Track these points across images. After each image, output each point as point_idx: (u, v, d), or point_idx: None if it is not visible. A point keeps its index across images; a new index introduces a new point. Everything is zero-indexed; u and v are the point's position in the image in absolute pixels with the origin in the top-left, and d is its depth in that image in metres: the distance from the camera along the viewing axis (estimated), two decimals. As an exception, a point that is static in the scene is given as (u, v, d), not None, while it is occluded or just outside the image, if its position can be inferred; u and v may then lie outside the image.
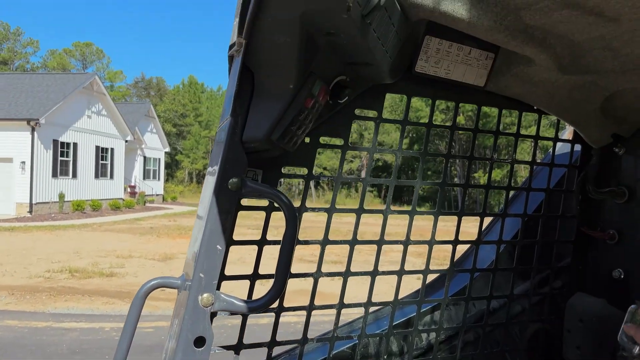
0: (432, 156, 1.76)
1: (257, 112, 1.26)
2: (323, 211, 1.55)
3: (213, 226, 1.24)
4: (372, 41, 1.23)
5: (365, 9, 1.12)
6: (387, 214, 1.66)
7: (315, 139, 1.51)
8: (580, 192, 1.97)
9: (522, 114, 1.86)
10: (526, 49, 1.47)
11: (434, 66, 1.58)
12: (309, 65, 1.23)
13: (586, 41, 1.47)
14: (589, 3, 1.27)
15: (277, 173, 1.46)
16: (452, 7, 1.33)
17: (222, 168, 1.24)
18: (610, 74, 1.62)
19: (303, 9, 1.08)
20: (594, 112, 1.83)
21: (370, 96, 1.56)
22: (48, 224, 22.90)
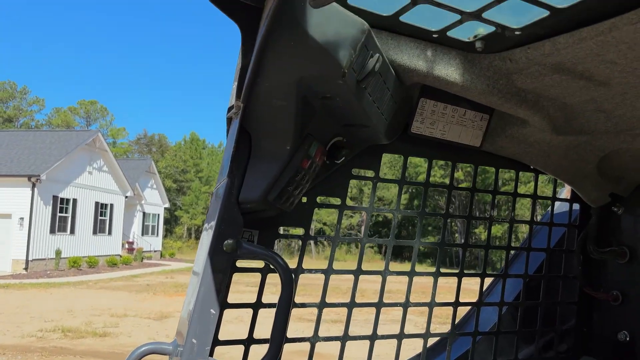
0: (430, 215, 1.75)
1: (254, 173, 1.26)
2: (320, 273, 1.52)
3: (207, 288, 1.21)
4: (367, 104, 1.25)
5: (360, 74, 1.14)
6: (386, 275, 1.63)
7: (312, 199, 1.50)
8: (581, 252, 1.95)
9: (519, 173, 1.87)
10: (520, 111, 1.50)
11: (430, 127, 1.61)
12: (306, 127, 1.25)
13: (578, 104, 1.49)
14: (578, 68, 1.31)
15: (274, 233, 1.45)
16: (446, 71, 1.37)
17: (218, 230, 1.23)
18: (604, 134, 1.64)
19: (300, 75, 1.11)
20: (591, 171, 1.84)
21: (367, 156, 1.57)
22: (43, 281, 22.52)
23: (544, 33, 1.22)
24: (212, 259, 1.22)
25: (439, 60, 1.36)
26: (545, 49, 1.24)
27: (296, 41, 1.03)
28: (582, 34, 1.16)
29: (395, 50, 1.31)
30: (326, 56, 1.05)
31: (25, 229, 25.50)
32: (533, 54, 1.28)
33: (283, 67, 1.09)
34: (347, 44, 1.07)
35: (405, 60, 1.33)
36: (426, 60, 1.35)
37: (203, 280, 1.22)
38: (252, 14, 1.14)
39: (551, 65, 1.30)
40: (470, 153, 1.75)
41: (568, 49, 1.21)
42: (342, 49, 1.06)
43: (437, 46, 1.35)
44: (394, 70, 1.35)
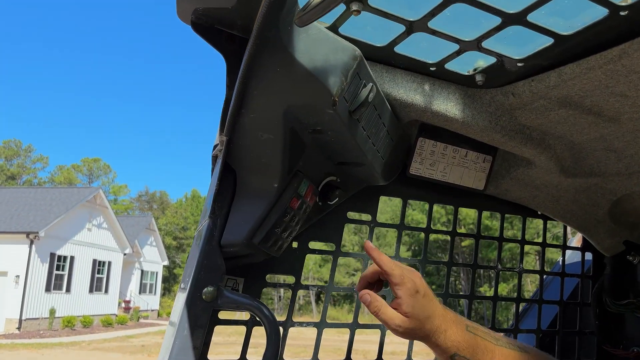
0: (432, 264, 1.62)
1: (238, 213, 1.15)
2: (312, 326, 1.38)
3: (182, 342, 1.08)
4: (361, 139, 1.16)
5: (352, 104, 1.06)
6: (386, 330, 1.48)
7: (303, 244, 1.39)
8: (597, 305, 1.80)
9: (526, 219, 1.76)
10: (525, 150, 1.41)
11: (429, 168, 1.51)
12: (295, 163, 1.15)
13: (587, 142, 1.41)
14: (586, 102, 1.22)
15: (261, 282, 1.32)
16: (445, 106, 1.29)
17: (197, 276, 1.11)
18: (616, 176, 1.54)
19: (287, 105, 1.02)
20: (602, 217, 1.73)
21: (363, 198, 1.47)
22: (35, 341, 21.81)
23: (549, 64, 1.15)
24: (189, 309, 1.09)
25: (438, 95, 1.28)
26: (551, 80, 1.17)
27: (282, 66, 0.95)
28: (590, 62, 1.08)
29: (390, 83, 1.24)
30: (315, 83, 0.96)
31: (20, 287, 25.00)
32: (537, 86, 1.20)
33: (268, 95, 1.01)
34: (338, 71, 0.99)
35: (402, 94, 1.25)
36: (424, 94, 1.27)
37: (178, 332, 1.08)
38: (238, 45, 1.08)
39: (557, 99, 1.22)
40: (474, 197, 1.65)
41: (575, 80, 1.13)
42: (332, 75, 0.98)
43: (435, 80, 1.28)
44: (390, 106, 1.27)
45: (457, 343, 1.09)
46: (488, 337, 1.15)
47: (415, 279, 1.10)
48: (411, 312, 1.06)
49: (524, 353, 1.17)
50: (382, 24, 1.07)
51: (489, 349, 1.12)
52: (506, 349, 1.15)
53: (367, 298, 1.09)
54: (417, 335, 1.09)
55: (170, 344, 1.09)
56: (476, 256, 1.68)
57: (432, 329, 1.08)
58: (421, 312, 1.07)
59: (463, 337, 1.10)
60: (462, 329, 1.12)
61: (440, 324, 1.09)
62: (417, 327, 1.07)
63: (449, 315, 1.13)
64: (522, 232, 1.75)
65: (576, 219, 1.73)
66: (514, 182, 1.59)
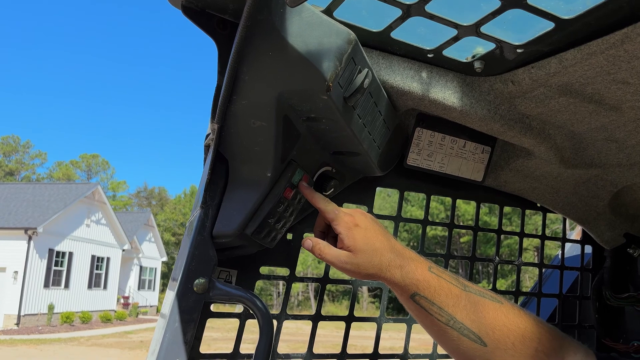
0: (429, 256, 1.59)
1: (231, 203, 1.12)
2: (307, 319, 1.35)
3: (173, 335, 1.05)
4: (357, 128, 1.13)
5: (347, 90, 1.03)
6: (382, 323, 1.46)
7: (298, 236, 1.36)
8: (597, 299, 1.78)
9: (525, 211, 1.73)
10: (524, 140, 1.38)
11: (427, 159, 1.48)
12: (289, 152, 1.12)
13: (587, 132, 1.38)
14: (587, 90, 1.19)
15: (255, 274, 1.29)
16: (443, 95, 1.26)
17: (188, 267, 1.08)
18: (617, 168, 1.51)
19: (280, 90, 0.99)
20: (603, 209, 1.70)
21: (359, 190, 1.44)
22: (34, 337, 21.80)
23: (549, 49, 1.12)
24: (180, 301, 1.06)
25: (435, 82, 1.25)
26: (551, 67, 1.14)
27: (274, 50, 0.92)
28: (592, 48, 1.05)
29: (387, 70, 1.21)
30: (308, 68, 0.93)
31: (19, 283, 24.97)
32: (537, 73, 1.17)
33: (260, 80, 0.98)
34: (332, 55, 0.96)
35: (399, 81, 1.22)
36: (421, 82, 1.24)
37: (169, 325, 1.06)
38: (229, 30, 1.04)
39: (557, 87, 1.19)
40: (472, 189, 1.62)
41: (576, 66, 1.10)
42: (325, 59, 0.95)
43: (432, 67, 1.25)
44: (387, 94, 1.24)
45: (416, 281, 1.01)
46: (455, 282, 1.04)
47: (355, 214, 1.06)
48: (353, 244, 1.01)
49: (498, 304, 1.04)
50: (378, 8, 1.04)
51: (455, 293, 1.02)
52: (476, 295, 1.03)
53: (309, 243, 1.05)
54: (369, 271, 1.01)
55: (160, 337, 1.06)
56: (474, 249, 1.66)
57: (384, 263, 1.01)
58: (365, 244, 1.01)
59: (424, 277, 1.01)
60: (423, 268, 1.03)
61: (394, 258, 1.02)
62: (365, 261, 1.00)
63: (406, 252, 1.05)
64: (521, 225, 1.72)
65: (576, 211, 1.71)
66: (513, 174, 1.57)
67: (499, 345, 0.99)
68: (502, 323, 1.01)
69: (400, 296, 1.04)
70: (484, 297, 1.04)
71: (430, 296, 1.01)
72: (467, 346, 1.00)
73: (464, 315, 1.00)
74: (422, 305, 1.01)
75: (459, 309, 1.00)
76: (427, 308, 1.01)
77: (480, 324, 1.00)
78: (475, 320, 1.00)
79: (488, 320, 1.01)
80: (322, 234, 1.13)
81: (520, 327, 1.01)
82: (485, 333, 1.00)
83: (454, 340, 1.01)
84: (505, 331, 1.00)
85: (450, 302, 1.01)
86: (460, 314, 1.00)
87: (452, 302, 1.01)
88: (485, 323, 1.00)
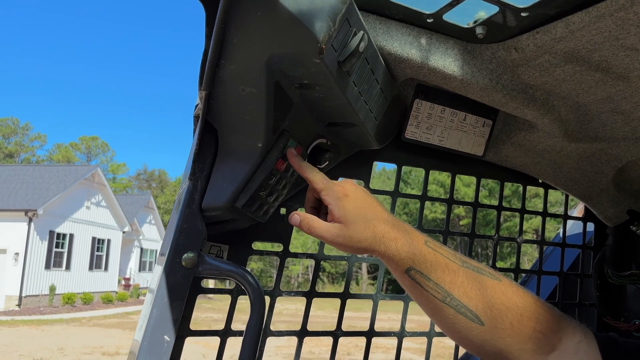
0: (428, 232, 1.55)
1: (220, 175, 1.08)
2: (301, 295, 1.32)
3: (161, 311, 1.01)
4: (352, 96, 1.08)
5: (341, 54, 0.97)
6: (378, 300, 1.42)
7: (292, 210, 1.31)
8: (598, 277, 1.74)
9: (526, 187, 1.68)
10: (527, 112, 1.32)
11: (426, 132, 1.43)
12: (281, 122, 1.07)
13: (593, 103, 1.32)
14: (594, 57, 1.14)
15: (247, 249, 1.25)
16: (443, 62, 1.20)
17: (176, 241, 1.04)
18: (622, 141, 1.46)
19: (270, 53, 0.93)
20: (606, 185, 1.66)
21: (355, 163, 1.39)
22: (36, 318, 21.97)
23: (556, 13, 1.06)
24: (167, 276, 1.03)
25: (435, 49, 1.19)
26: (557, 32, 1.08)
27: (263, 10, 0.87)
28: (600, 10, 0.99)
29: (384, 36, 1.15)
30: (299, 28, 0.88)
31: (20, 265, 25.09)
32: (543, 39, 1.11)
33: (249, 44, 0.92)
34: (325, 15, 0.90)
35: (397, 48, 1.16)
36: (420, 49, 1.18)
37: (157, 300, 1.02)
38: None
39: (563, 54, 1.14)
40: (472, 163, 1.57)
41: (583, 30, 1.04)
42: (318, 19, 0.89)
43: (432, 34, 1.19)
44: (384, 61, 1.18)
45: (411, 255, 0.95)
46: (452, 257, 0.98)
47: (345, 184, 1.00)
48: (343, 215, 0.95)
49: (497, 281, 0.98)
50: (374, -33, 0.98)
51: (452, 268, 0.96)
52: (474, 272, 0.98)
53: (297, 218, 0.99)
54: (361, 244, 0.95)
55: (148, 312, 1.03)
56: (474, 226, 1.62)
57: (377, 235, 0.95)
58: (356, 215, 0.95)
59: (420, 251, 0.95)
60: (419, 242, 0.97)
61: (388, 230, 0.95)
62: (357, 233, 0.94)
63: (400, 224, 0.98)
64: (522, 201, 1.68)
65: (579, 187, 1.66)
66: (515, 148, 1.52)
67: (497, 324, 0.95)
68: (500, 301, 0.96)
69: (395, 270, 0.99)
70: (482, 274, 0.99)
71: (426, 271, 0.95)
72: (463, 325, 0.95)
73: (461, 292, 0.95)
74: (417, 280, 0.96)
75: (455, 285, 0.95)
76: (422, 284, 0.95)
77: (477, 302, 0.96)
78: (472, 297, 0.95)
79: (486, 299, 0.96)
80: (313, 210, 1.07)
81: (519, 305, 0.97)
82: (482, 311, 0.95)
83: (449, 319, 0.96)
84: (503, 310, 0.96)
85: (447, 279, 0.95)
86: (457, 291, 0.95)
87: (449, 279, 0.95)
88: (483, 301, 0.96)
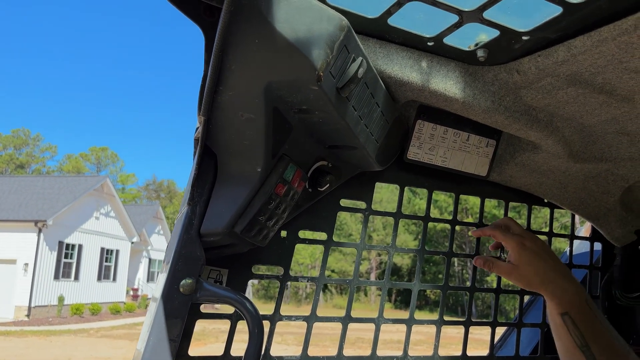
0: (430, 254, 1.54)
1: (219, 200, 1.07)
2: (302, 320, 1.30)
3: (158, 338, 1.00)
4: (352, 120, 1.07)
5: (340, 81, 0.97)
6: (380, 323, 1.40)
7: (293, 233, 1.30)
8: (606, 298, 1.71)
9: (531, 207, 1.66)
10: (531, 133, 1.31)
11: (429, 153, 1.42)
12: (280, 146, 1.07)
13: (597, 124, 1.31)
14: (597, 79, 1.12)
15: (246, 273, 1.24)
16: (444, 85, 1.19)
17: (174, 267, 1.03)
18: (628, 162, 1.44)
19: (268, 81, 0.93)
20: (613, 205, 1.63)
21: (357, 185, 1.38)
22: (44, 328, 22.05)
23: (557, 36, 1.05)
24: (165, 302, 1.02)
25: (436, 72, 1.18)
26: (559, 55, 1.07)
27: (260, 37, 0.86)
28: (602, 34, 0.98)
29: (384, 60, 1.15)
30: (297, 56, 0.87)
31: (29, 275, 25.23)
32: (544, 62, 1.10)
33: (247, 70, 0.92)
34: (322, 42, 0.89)
35: (397, 71, 1.16)
36: (421, 72, 1.17)
37: (154, 327, 1.01)
38: (217, 17, 0.98)
39: (566, 77, 1.13)
40: (476, 184, 1.56)
41: (586, 54, 1.03)
42: (315, 47, 0.88)
43: (433, 56, 1.18)
44: (385, 84, 1.17)
45: (571, 304, 1.20)
46: (602, 320, 1.22)
47: (526, 235, 1.29)
48: (518, 259, 1.25)
49: (626, 353, 1.23)
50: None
51: (598, 329, 1.20)
52: (613, 339, 1.22)
53: (480, 261, 1.32)
54: (531, 283, 1.24)
55: (146, 338, 1.02)
56: (478, 246, 1.60)
57: (547, 280, 1.22)
58: (529, 262, 1.24)
59: (580, 304, 1.20)
60: (581, 297, 1.22)
61: (556, 278, 1.22)
62: (529, 274, 1.23)
63: (571, 278, 1.25)
64: (527, 221, 1.66)
65: (585, 207, 1.64)
66: (519, 168, 1.50)
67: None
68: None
69: (552, 310, 1.23)
70: (618, 342, 1.23)
71: (578, 321, 1.19)
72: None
73: (596, 349, 1.19)
74: (567, 324, 1.20)
75: (596, 343, 1.19)
76: (570, 329, 1.20)
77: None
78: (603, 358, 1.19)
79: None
80: (496, 251, 1.40)
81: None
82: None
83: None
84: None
85: (591, 335, 1.19)
86: (594, 347, 1.19)
87: (592, 337, 1.19)
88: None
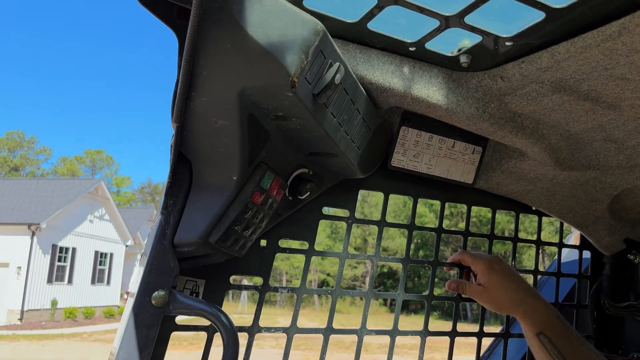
0: (415, 263, 1.51)
1: (194, 209, 1.04)
2: (281, 332, 1.27)
3: (128, 351, 0.97)
4: (330, 127, 1.04)
5: (316, 87, 0.94)
6: (363, 335, 1.37)
7: (273, 242, 1.27)
8: (595, 308, 1.68)
9: (519, 215, 1.63)
10: (516, 140, 1.28)
11: (413, 160, 1.39)
12: (257, 154, 1.03)
13: (584, 131, 1.28)
14: (583, 86, 1.10)
15: (224, 284, 1.21)
16: (427, 91, 1.16)
17: (146, 278, 0.99)
18: (616, 169, 1.42)
19: (241, 87, 0.90)
20: (602, 213, 1.61)
21: (340, 192, 1.35)
22: (37, 332, 21.86)
23: (540, 42, 1.02)
24: (136, 315, 0.98)
25: (418, 78, 1.16)
26: (543, 61, 1.04)
27: (232, 42, 0.83)
28: (586, 40, 0.96)
29: (365, 65, 1.12)
30: (270, 61, 0.84)
31: (22, 278, 25.03)
32: (528, 69, 1.07)
33: (219, 76, 0.89)
34: (296, 47, 0.86)
35: (378, 77, 1.13)
36: (403, 78, 1.15)
37: (124, 340, 0.98)
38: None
39: (550, 83, 1.10)
40: (463, 191, 1.53)
41: (570, 60, 1.01)
42: (289, 52, 0.85)
43: (415, 62, 1.15)
44: (366, 90, 1.14)
45: (545, 323, 1.22)
46: (576, 335, 1.25)
47: (493, 259, 1.34)
48: (487, 281, 1.29)
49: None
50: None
51: (575, 343, 1.22)
52: (590, 352, 1.24)
53: (453, 285, 1.37)
54: (502, 305, 1.27)
55: (116, 352, 0.98)
56: (465, 254, 1.56)
57: (517, 300, 1.26)
58: (499, 284, 1.28)
59: (552, 321, 1.23)
60: (552, 315, 1.25)
61: (526, 297, 1.26)
62: (499, 296, 1.27)
63: (539, 297, 1.28)
64: (514, 229, 1.63)
65: (573, 215, 1.61)
66: (506, 176, 1.47)
67: None
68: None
69: (527, 331, 1.25)
70: (596, 356, 1.24)
71: (554, 339, 1.21)
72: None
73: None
74: (544, 344, 1.21)
75: (574, 358, 1.20)
76: (548, 348, 1.21)
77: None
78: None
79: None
80: (467, 275, 1.42)
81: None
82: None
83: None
84: None
85: (569, 351, 1.20)
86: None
87: (570, 352, 1.20)
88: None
